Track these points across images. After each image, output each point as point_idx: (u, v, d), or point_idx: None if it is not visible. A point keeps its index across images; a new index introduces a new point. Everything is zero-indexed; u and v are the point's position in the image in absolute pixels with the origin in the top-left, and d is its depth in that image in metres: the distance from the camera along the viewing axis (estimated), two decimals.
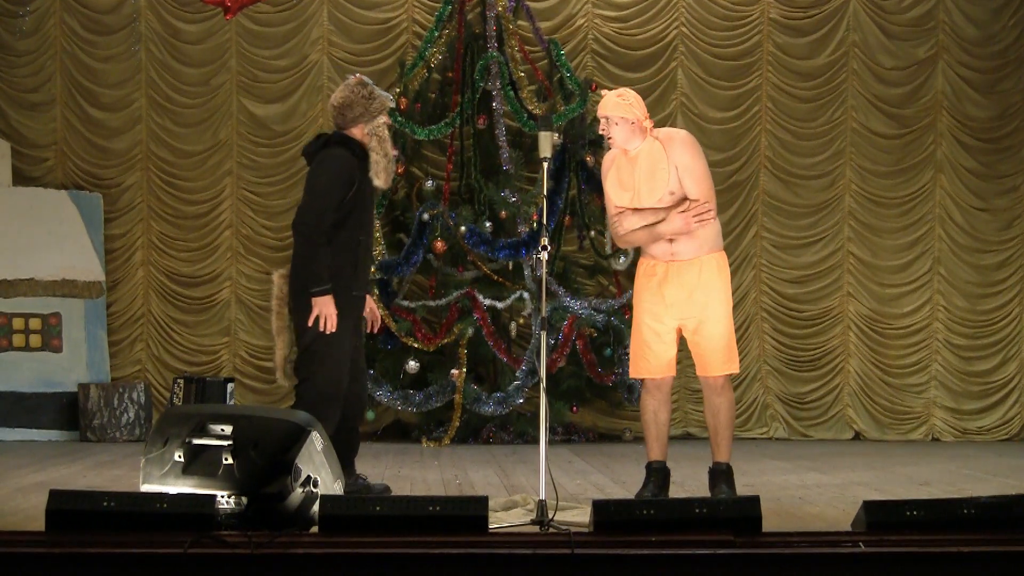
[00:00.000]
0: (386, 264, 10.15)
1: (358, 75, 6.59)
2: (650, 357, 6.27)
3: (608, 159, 6.39)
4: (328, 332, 6.14)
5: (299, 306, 6.29)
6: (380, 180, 6.32)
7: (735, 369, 6.33)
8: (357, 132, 6.36)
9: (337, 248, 6.24)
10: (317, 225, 6.17)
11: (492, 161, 10.41)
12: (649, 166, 6.19)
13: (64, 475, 7.71)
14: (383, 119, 6.38)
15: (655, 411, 6.30)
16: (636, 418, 10.62)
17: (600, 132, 6.33)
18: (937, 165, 11.45)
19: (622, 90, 6.33)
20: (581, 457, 9.02)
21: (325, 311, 6.16)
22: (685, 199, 6.16)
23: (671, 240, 6.18)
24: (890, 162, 11.44)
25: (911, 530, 4.82)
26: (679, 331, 6.29)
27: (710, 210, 6.14)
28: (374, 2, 11.27)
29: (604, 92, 6.79)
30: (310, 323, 6.16)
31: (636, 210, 6.22)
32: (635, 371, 6.37)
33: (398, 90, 10.37)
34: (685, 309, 6.21)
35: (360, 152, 6.33)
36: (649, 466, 6.33)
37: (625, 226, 6.23)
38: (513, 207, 10.22)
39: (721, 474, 6.26)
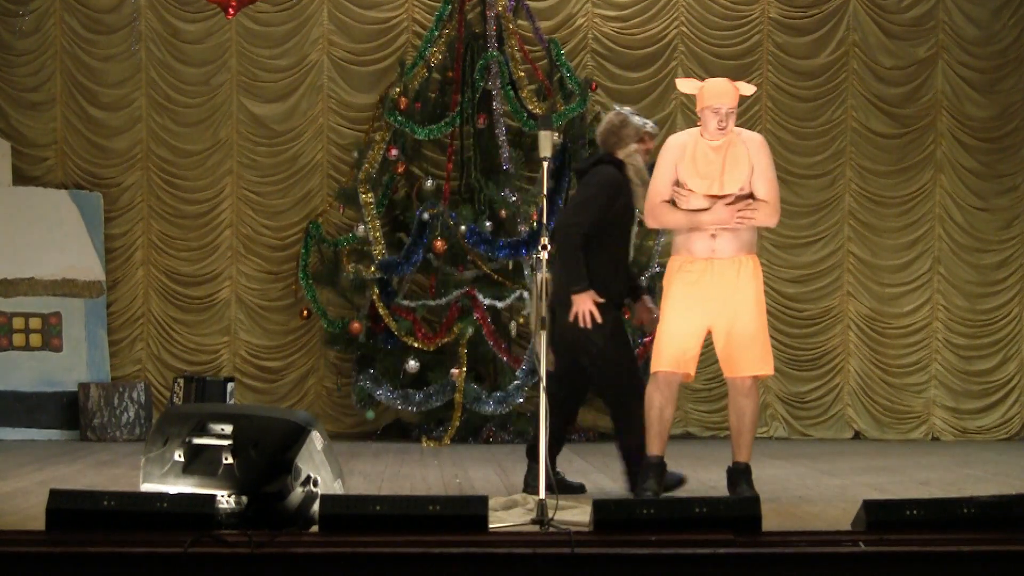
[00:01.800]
0: (386, 264, 10.15)
1: (618, 107, 6.98)
2: (673, 351, 6.27)
3: (679, 142, 6.37)
4: (583, 327, 6.48)
5: (567, 308, 6.58)
6: (637, 206, 6.64)
7: (770, 370, 6.39)
8: (620, 157, 6.74)
9: (600, 256, 6.59)
10: (573, 231, 6.55)
11: (492, 161, 10.41)
12: (734, 158, 6.25)
13: (64, 474, 7.71)
14: (635, 146, 6.67)
15: (662, 407, 6.30)
16: None
17: (719, 125, 6.26)
18: (937, 165, 11.46)
19: (722, 79, 6.40)
20: (581, 456, 9.02)
21: (583, 307, 6.46)
22: (747, 197, 6.23)
23: (713, 236, 6.23)
24: (890, 161, 11.44)
25: (911, 529, 4.82)
26: (708, 331, 6.31)
27: (756, 211, 6.22)
28: (374, 1, 11.27)
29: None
30: (570, 318, 6.47)
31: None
32: (658, 363, 6.34)
33: (398, 89, 10.38)
34: (721, 307, 6.23)
35: (626, 172, 6.68)
36: (648, 460, 6.34)
37: (681, 206, 6.26)
38: (513, 206, 10.22)
39: (741, 473, 6.33)
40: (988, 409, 11.41)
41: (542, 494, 5.22)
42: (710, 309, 6.23)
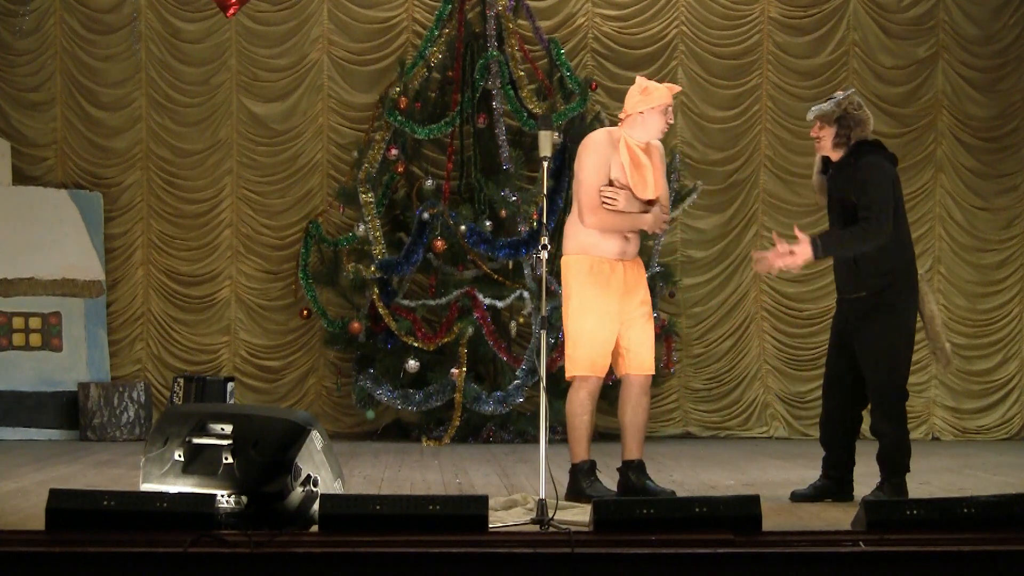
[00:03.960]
0: (386, 263, 10.15)
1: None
2: (601, 354, 6.34)
3: (608, 140, 6.36)
4: None
5: None
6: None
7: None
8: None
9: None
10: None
11: (492, 160, 10.41)
12: (656, 162, 6.39)
13: (64, 474, 7.70)
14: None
15: (592, 413, 6.38)
16: None
17: (668, 122, 6.38)
18: (937, 164, 11.45)
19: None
20: None
21: None
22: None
23: (627, 238, 6.35)
24: None
25: (911, 529, 4.81)
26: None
27: (668, 216, 6.51)
28: (374, 1, 11.27)
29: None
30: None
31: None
32: (583, 369, 6.33)
33: (398, 89, 10.38)
34: (626, 307, 6.34)
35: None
36: (585, 465, 6.37)
37: (619, 207, 6.26)
38: (513, 206, 10.22)
39: (641, 469, 6.45)
40: (988, 409, 11.40)
41: (542, 493, 5.22)
42: (620, 310, 6.33)
